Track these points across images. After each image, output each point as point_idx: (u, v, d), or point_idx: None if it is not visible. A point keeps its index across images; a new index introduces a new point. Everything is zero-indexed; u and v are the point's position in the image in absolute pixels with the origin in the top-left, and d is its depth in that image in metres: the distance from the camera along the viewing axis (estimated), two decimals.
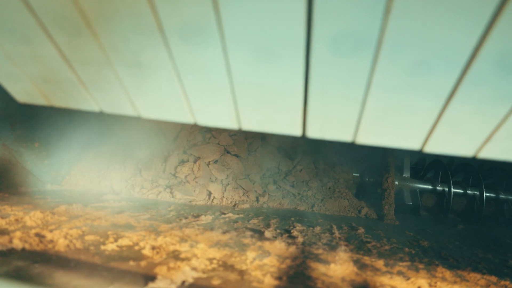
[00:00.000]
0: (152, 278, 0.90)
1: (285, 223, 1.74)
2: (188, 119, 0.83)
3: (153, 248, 1.09)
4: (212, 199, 2.16)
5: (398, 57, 0.58)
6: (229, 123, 0.80)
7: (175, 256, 1.08)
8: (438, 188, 2.59)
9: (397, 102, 0.65)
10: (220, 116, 0.78)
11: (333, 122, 0.73)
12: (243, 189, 2.28)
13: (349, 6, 0.52)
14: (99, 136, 2.40)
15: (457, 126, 0.68)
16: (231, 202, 2.15)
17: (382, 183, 2.47)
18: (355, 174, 2.82)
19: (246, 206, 2.13)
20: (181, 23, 0.60)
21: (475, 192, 2.52)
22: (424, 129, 0.70)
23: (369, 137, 0.75)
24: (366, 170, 2.78)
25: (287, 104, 0.71)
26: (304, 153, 2.70)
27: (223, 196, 2.19)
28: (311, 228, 1.68)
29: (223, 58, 0.64)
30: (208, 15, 0.57)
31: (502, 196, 2.47)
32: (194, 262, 1.05)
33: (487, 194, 2.48)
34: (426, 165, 2.97)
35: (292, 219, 1.87)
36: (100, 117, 2.45)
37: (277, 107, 0.72)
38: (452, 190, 2.49)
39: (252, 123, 0.78)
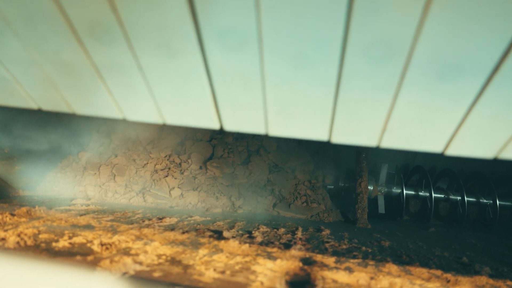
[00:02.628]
0: (93, 270, 0.93)
1: (251, 225, 1.78)
2: (117, 115, 0.88)
3: (104, 244, 1.13)
4: (187, 204, 2.20)
5: (280, 50, 0.64)
6: (154, 118, 0.86)
7: (125, 252, 1.12)
8: (394, 191, 2.66)
9: (293, 93, 0.71)
10: (144, 111, 0.84)
11: (243, 114, 0.78)
12: (219, 194, 2.32)
13: (224, 3, 0.58)
14: (76, 143, 2.44)
15: (353, 116, 0.73)
16: (203, 206, 2.19)
17: (356, 188, 2.52)
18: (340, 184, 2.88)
19: (218, 210, 2.17)
20: (89, 23, 0.66)
21: (426, 194, 2.60)
22: (325, 120, 0.76)
23: (279, 129, 0.81)
24: (342, 177, 2.83)
25: (199, 98, 0.76)
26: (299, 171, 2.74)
27: (198, 201, 2.23)
28: (275, 230, 1.72)
29: (132, 55, 0.70)
30: (108, 15, 0.63)
31: (452, 197, 2.55)
32: (141, 257, 1.08)
33: (436, 195, 2.57)
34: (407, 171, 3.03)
35: (259, 221, 1.90)
36: (77, 124, 2.50)
37: (191, 101, 0.78)
38: (405, 192, 2.57)
39: (174, 118, 0.83)
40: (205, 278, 0.98)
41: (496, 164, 2.71)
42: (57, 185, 2.20)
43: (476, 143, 0.73)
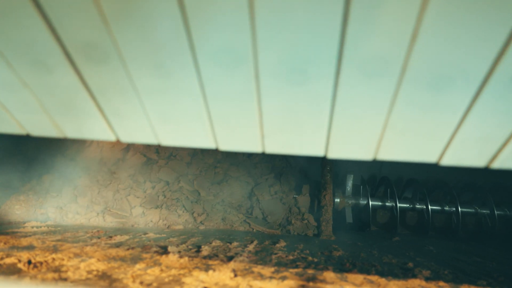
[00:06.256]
0: None
1: (205, 240, 1.79)
2: (18, 130, 0.92)
3: (33, 263, 1.14)
4: (148, 222, 2.20)
5: (141, 61, 0.69)
6: (54, 132, 0.89)
7: (56, 269, 1.12)
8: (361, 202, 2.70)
9: (168, 103, 0.76)
10: (42, 126, 0.87)
11: (132, 126, 0.83)
12: (182, 211, 2.33)
13: (83, 21, 0.63)
14: (41, 166, 2.46)
15: (230, 123, 0.78)
16: (165, 224, 2.19)
17: (320, 201, 2.55)
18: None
19: (180, 227, 2.17)
20: None
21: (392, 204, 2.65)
22: (205, 128, 0.80)
23: (169, 139, 0.85)
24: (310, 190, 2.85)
25: (87, 111, 0.81)
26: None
27: (159, 219, 2.23)
28: (227, 244, 1.73)
29: (11, 72, 0.74)
30: None
31: (388, 203, 2.61)
32: (69, 273, 1.09)
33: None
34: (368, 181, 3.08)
35: (217, 236, 1.91)
36: (42, 148, 2.52)
37: (80, 114, 0.82)
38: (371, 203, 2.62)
39: (73, 131, 0.88)
40: None
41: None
42: (18, 209, 2.20)
43: (352, 145, 0.78)
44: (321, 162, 2.74)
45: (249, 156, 2.96)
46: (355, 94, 0.68)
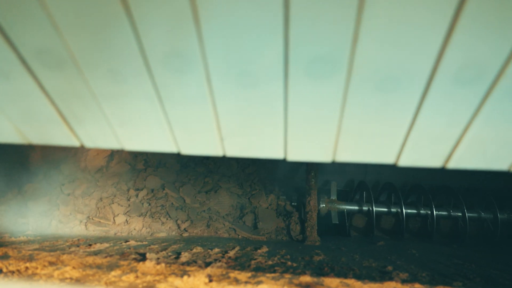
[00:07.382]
0: None
1: (187, 247, 1.78)
2: None
3: (3, 272, 1.13)
4: (132, 230, 2.19)
5: (96, 67, 0.70)
6: (17, 139, 0.89)
7: (29, 278, 1.11)
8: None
9: (127, 107, 0.77)
10: (5, 132, 0.88)
11: (94, 131, 0.84)
12: (166, 219, 2.32)
13: (34, 27, 0.65)
14: (23, 175, 2.43)
15: (189, 128, 0.79)
16: (148, 231, 2.18)
17: (305, 206, 2.56)
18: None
19: (163, 234, 2.16)
20: None
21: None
22: (166, 133, 0.81)
23: (132, 144, 0.86)
24: (293, 195, 2.87)
25: (49, 117, 0.82)
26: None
27: (142, 226, 2.22)
28: (208, 250, 1.73)
29: None
30: None
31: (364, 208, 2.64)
32: (41, 282, 1.09)
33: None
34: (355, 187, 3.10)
35: (199, 243, 1.91)
36: (25, 156, 2.50)
37: (44, 121, 0.83)
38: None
39: (35, 138, 0.88)
40: None
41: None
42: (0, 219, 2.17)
43: (310, 147, 0.79)
44: (306, 168, 2.75)
45: (244, 169, 2.97)
46: (306, 96, 0.70)
